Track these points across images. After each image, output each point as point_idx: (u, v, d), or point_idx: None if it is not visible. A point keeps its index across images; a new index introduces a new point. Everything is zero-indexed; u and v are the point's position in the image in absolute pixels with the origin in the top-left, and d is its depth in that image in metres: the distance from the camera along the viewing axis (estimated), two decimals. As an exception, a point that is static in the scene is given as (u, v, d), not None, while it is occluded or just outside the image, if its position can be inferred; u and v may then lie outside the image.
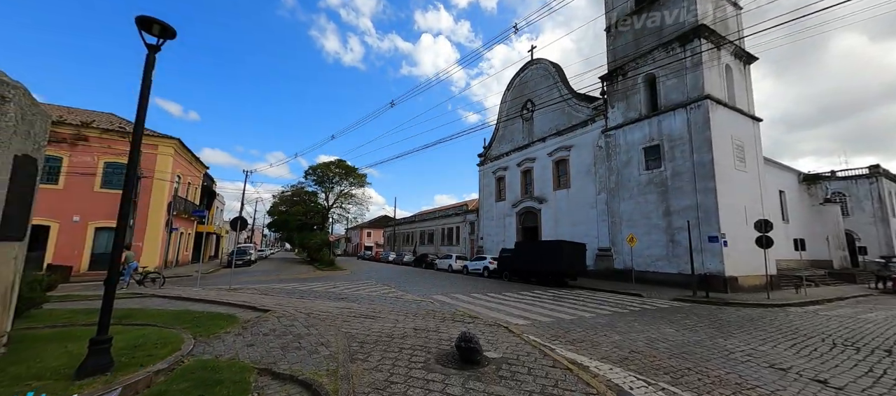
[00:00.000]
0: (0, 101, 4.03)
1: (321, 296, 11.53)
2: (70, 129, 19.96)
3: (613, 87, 21.39)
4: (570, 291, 15.08)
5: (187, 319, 7.21)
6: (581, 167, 23.16)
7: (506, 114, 31.37)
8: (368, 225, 74.49)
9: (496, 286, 16.90)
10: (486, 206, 32.77)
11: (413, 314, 8.25)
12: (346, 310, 8.51)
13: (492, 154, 32.68)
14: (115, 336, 5.75)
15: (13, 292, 4.54)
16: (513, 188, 29.34)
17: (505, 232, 29.40)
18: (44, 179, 19.40)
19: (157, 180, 21.70)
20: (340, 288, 14.15)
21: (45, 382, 3.66)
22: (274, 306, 8.97)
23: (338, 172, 46.34)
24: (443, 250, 39.78)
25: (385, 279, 19.25)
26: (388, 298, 11.45)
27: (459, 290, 14.66)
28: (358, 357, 4.94)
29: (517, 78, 30.15)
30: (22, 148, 4.37)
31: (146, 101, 4.44)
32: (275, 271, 25.00)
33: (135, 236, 20.41)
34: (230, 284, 13.83)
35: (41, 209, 19.16)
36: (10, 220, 4.27)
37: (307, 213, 45.87)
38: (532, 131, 27.88)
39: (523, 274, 19.23)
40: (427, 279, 20.09)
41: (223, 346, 5.42)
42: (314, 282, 16.77)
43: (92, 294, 11.39)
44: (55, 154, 19.57)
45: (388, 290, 13.94)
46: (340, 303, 9.79)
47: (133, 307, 8.84)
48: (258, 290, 12.42)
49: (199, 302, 10.09)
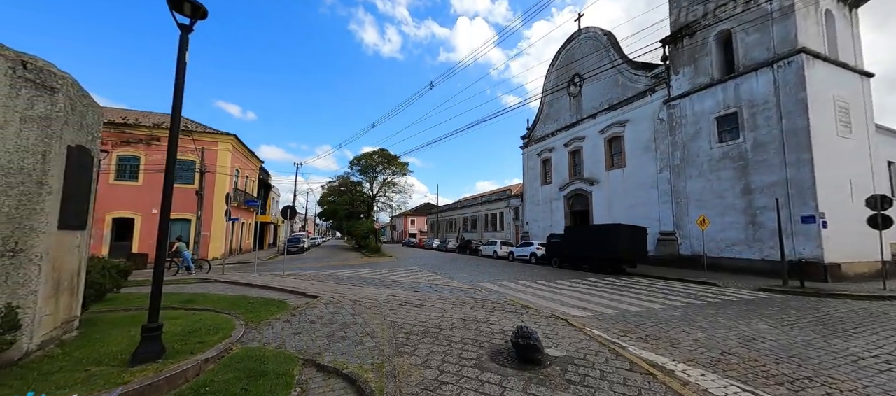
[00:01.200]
0: (50, 92, 4.07)
1: (367, 283, 11.54)
2: (145, 131, 22.08)
3: (677, 51, 18.93)
4: (629, 279, 13.76)
5: (242, 305, 7.40)
6: (638, 143, 21.03)
7: (550, 91, 29.47)
8: (412, 212, 75.80)
9: (545, 273, 15.98)
10: (530, 190, 31.41)
11: (460, 302, 7.79)
12: (391, 298, 8.29)
13: (536, 135, 31.05)
14: (175, 320, 6.00)
15: (79, 278, 4.74)
16: (560, 170, 27.68)
17: (552, 217, 27.98)
18: (127, 177, 21.82)
19: (219, 174, 23.41)
20: (386, 275, 14.18)
21: (102, 367, 3.69)
22: (322, 292, 9.03)
23: (380, 161, 47.29)
24: (487, 236, 39.13)
25: (430, 266, 19.13)
26: (434, 285, 11.15)
27: (506, 277, 14.01)
28: (404, 351, 4.57)
29: (563, 51, 28.05)
30: (75, 139, 4.45)
31: (182, 83, 4.30)
32: (325, 258, 26.11)
33: (203, 226, 22.28)
34: (284, 270, 14.47)
35: (126, 203, 21.57)
36: (70, 211, 4.39)
37: (354, 202, 47.54)
38: (580, 108, 25.89)
39: (574, 261, 18.04)
40: (472, 266, 19.66)
41: (271, 333, 5.35)
42: (361, 269, 17.07)
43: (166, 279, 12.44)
44: (134, 154, 21.82)
45: (434, 277, 13.69)
46: (386, 290, 9.65)
47: (197, 292, 9.38)
48: (309, 277, 12.79)
49: (255, 287, 10.53)
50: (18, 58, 3.94)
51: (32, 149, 3.94)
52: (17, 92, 3.90)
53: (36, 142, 3.96)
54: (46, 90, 4.06)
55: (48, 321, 4.10)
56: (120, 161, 21.66)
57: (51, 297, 4.12)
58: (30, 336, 3.79)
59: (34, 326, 3.83)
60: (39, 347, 3.96)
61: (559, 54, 28.46)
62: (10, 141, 3.84)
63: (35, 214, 3.89)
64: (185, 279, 12.16)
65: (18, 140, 3.88)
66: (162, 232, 4.13)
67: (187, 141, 22.90)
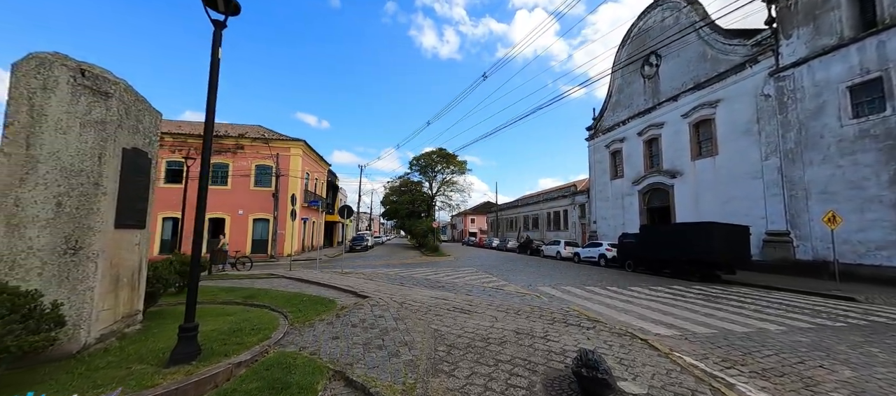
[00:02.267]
0: (103, 97, 4.27)
1: (419, 283, 11.21)
2: (231, 141, 24.88)
3: (788, 10, 15.41)
4: (727, 288, 11.41)
5: (295, 303, 7.49)
6: (735, 126, 17.67)
7: (621, 75, 26.53)
8: (471, 211, 75.45)
9: (617, 277, 14.14)
10: (598, 186, 28.68)
11: (515, 310, 6.94)
12: (440, 301, 7.76)
13: (603, 125, 28.24)
14: (228, 316, 6.17)
15: (140, 275, 5.00)
16: (633, 162, 24.73)
17: (624, 215, 25.15)
18: (218, 182, 24.77)
19: (291, 177, 25.42)
20: (440, 275, 13.77)
21: (143, 366, 3.70)
22: (372, 292, 8.87)
23: (439, 160, 47.63)
24: (549, 235, 36.91)
25: (487, 266, 18.34)
26: (487, 289, 10.37)
27: (570, 281, 12.62)
28: (442, 369, 3.95)
29: (635, 28, 25.01)
30: (130, 141, 4.66)
31: (216, 80, 4.21)
32: (385, 256, 26.83)
33: (278, 225, 24.43)
34: (342, 269, 14.92)
35: (218, 205, 24.43)
36: (127, 210, 4.60)
37: (414, 202, 48.62)
38: (657, 90, 22.77)
39: (652, 264, 15.75)
40: (532, 267, 18.38)
41: (311, 336, 5.15)
42: (417, 268, 16.97)
43: (243, 274, 13.59)
44: (223, 161, 24.70)
45: (489, 279, 12.89)
46: (437, 292, 9.16)
47: (263, 287, 9.91)
48: (364, 275, 12.93)
49: (313, 284, 10.87)
50: (78, 66, 4.18)
51: (90, 152, 4.14)
52: (77, 99, 4.14)
53: (93, 146, 4.17)
54: (101, 95, 4.26)
55: (107, 315, 4.31)
56: (214, 168, 24.70)
57: (109, 293, 4.34)
58: (87, 330, 3.97)
59: (91, 320, 4.02)
60: (99, 340, 4.17)
61: (630, 32, 25.44)
62: (72, 145, 4.08)
63: (92, 214, 4.09)
64: (257, 274, 13.12)
65: (79, 144, 4.10)
66: (197, 234, 4.07)
67: (264, 148, 25.33)
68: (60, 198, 3.98)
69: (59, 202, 3.97)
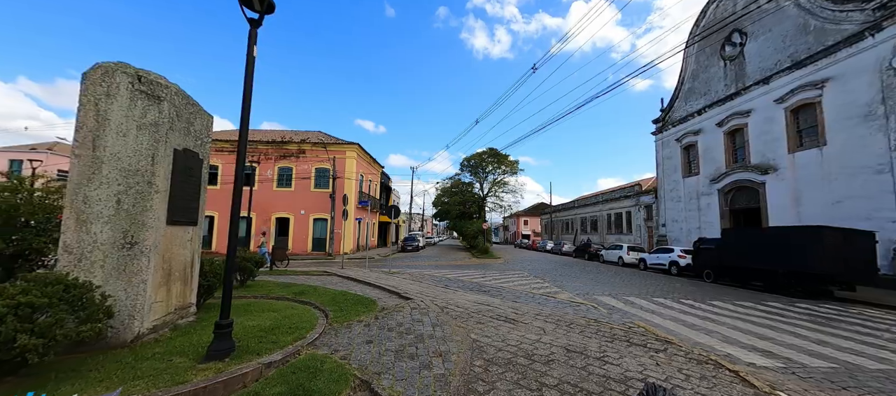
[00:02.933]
0: (155, 101, 4.52)
1: (465, 286, 10.78)
2: (295, 146, 26.84)
3: (930, -42, 12.19)
4: (844, 308, 9.22)
5: (340, 301, 7.53)
6: (849, 109, 14.50)
7: (694, 59, 23.51)
8: (524, 213, 73.16)
9: (692, 289, 12.31)
10: (667, 185, 25.72)
11: (567, 322, 6.18)
12: (484, 307, 7.25)
13: (674, 117, 25.26)
14: (271, 313, 6.31)
15: (193, 269, 5.27)
16: (711, 157, 21.69)
17: (700, 217, 22.17)
18: (284, 184, 26.83)
19: (346, 179, 26.66)
20: (488, 279, 13.20)
21: (181, 359, 3.78)
22: (416, 294, 8.66)
23: (490, 161, 46.81)
24: (610, 239, 34.11)
25: (539, 270, 17.29)
26: (537, 296, 9.58)
27: (634, 291, 11.23)
28: (475, 389, 3.47)
29: (712, 3, 21.97)
30: (182, 142, 4.91)
31: (251, 78, 4.22)
32: (435, 257, 26.85)
33: (335, 224, 25.74)
34: (390, 269, 15.07)
35: (283, 206, 26.45)
36: (178, 207, 4.84)
37: (464, 203, 48.39)
38: (743, 73, 19.68)
39: (738, 275, 13.48)
40: (589, 273, 16.90)
41: (347, 338, 5.00)
42: (465, 270, 16.56)
43: (299, 270, 14.36)
44: (288, 165, 26.71)
45: (540, 285, 12.01)
46: (482, 297, 8.65)
47: (312, 284, 10.25)
48: (411, 276, 12.86)
49: (361, 283, 11.02)
50: (136, 73, 4.48)
51: (144, 153, 4.40)
52: (134, 103, 4.43)
53: (147, 147, 4.42)
54: (154, 99, 4.51)
55: (159, 307, 4.55)
56: (280, 171, 26.87)
57: (162, 286, 4.58)
58: (141, 321, 4.20)
59: (144, 312, 4.25)
60: (152, 330, 4.40)
61: (706, 10, 22.41)
62: (130, 146, 4.36)
63: (146, 211, 4.33)
64: (313, 270, 13.76)
65: (135, 145, 4.38)
66: (232, 235, 4.09)
67: (322, 151, 26.89)
68: (119, 196, 4.27)
69: (119, 200, 4.26)
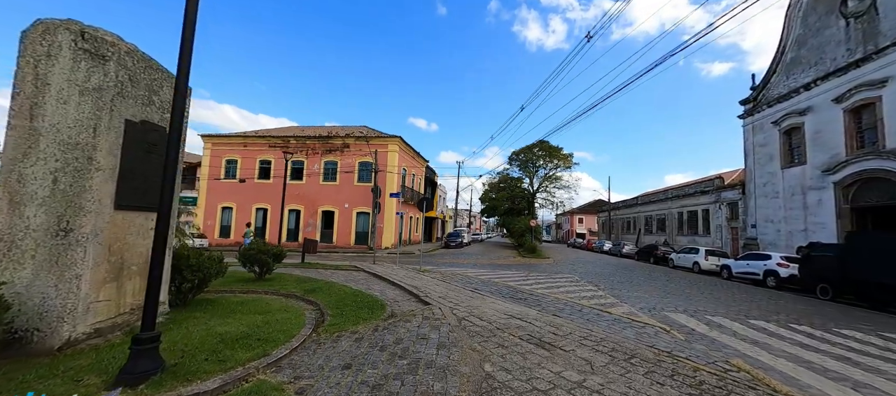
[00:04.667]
0: (100, 61, 3.79)
1: (499, 292, 9.28)
2: (339, 141, 27.16)
3: None
4: None
5: (348, 303, 6.61)
6: None
7: (800, 21, 18.99)
8: (579, 210, 68.37)
9: (805, 309, 9.41)
10: (760, 177, 21.31)
11: (625, 354, 4.47)
12: (514, 322, 5.76)
13: (770, 95, 20.77)
14: (259, 315, 5.40)
15: (160, 263, 4.56)
16: (824, 141, 17.29)
17: (806, 217, 17.88)
18: (329, 178, 27.30)
19: (389, 173, 26.32)
20: (529, 282, 11.52)
21: (92, 379, 2.96)
22: (436, 299, 7.43)
23: (540, 155, 43.92)
24: (681, 241, 29.74)
25: (592, 274, 15.04)
26: (587, 309, 7.74)
27: (720, 309, 8.78)
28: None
29: (829, -51, 17.42)
30: (139, 113, 4.18)
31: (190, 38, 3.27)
32: (477, 255, 25.42)
33: (377, 218, 25.55)
34: (424, 265, 14.02)
35: (328, 200, 26.92)
36: (134, 190, 4.12)
37: (513, 199, 46.07)
38: (874, 31, 15.23)
39: (870, 292, 10.14)
40: (656, 281, 14.25)
41: (323, 357, 3.93)
42: (506, 270, 14.95)
43: (329, 264, 13.93)
44: (333, 159, 27.13)
45: (592, 293, 10.05)
46: (515, 307, 7.12)
47: (334, 281, 9.51)
48: (441, 275, 11.65)
49: (383, 281, 10.10)
50: (80, 29, 3.79)
51: (86, 124, 3.70)
52: (77, 64, 3.73)
53: (89, 116, 3.71)
54: (99, 59, 3.79)
55: (105, 308, 3.85)
56: (325, 166, 27.42)
57: (108, 282, 3.87)
58: (73, 324, 3.49)
59: (78, 313, 3.53)
60: (94, 335, 3.70)
61: (819, -43, 17.86)
62: (71, 115, 3.67)
63: (84, 192, 3.62)
64: (343, 265, 13.23)
65: (77, 114, 3.68)
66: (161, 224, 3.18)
67: (365, 145, 26.84)
68: (56, 175, 3.60)
69: (56, 178, 3.60)
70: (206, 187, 28.31)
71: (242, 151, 28.25)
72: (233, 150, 28.54)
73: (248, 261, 8.76)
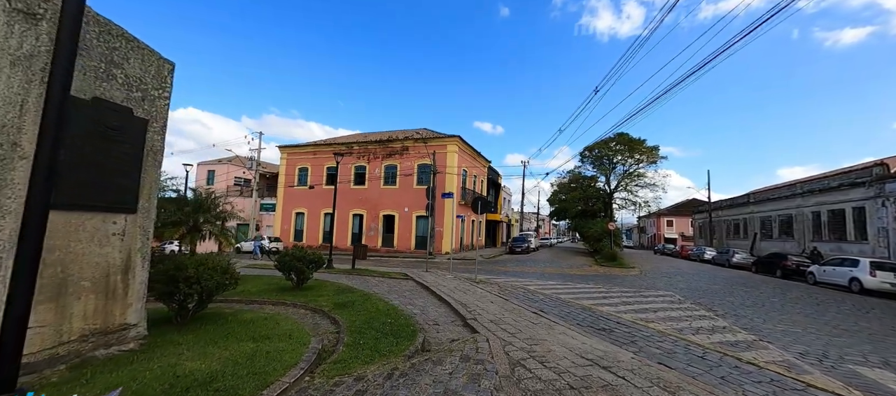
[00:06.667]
0: (32, 21, 3.00)
1: (571, 316, 7.17)
2: (398, 144, 26.92)
3: None
4: None
5: (373, 325, 5.36)
6: None
7: None
8: (668, 212, 59.76)
9: None
10: (958, 160, 15.06)
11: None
12: (596, 377, 3.80)
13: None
14: (254, 342, 4.13)
15: (129, 276, 3.72)
16: None
17: None
18: (389, 182, 27.17)
19: (448, 174, 25.20)
20: (613, 301, 9.07)
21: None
22: (487, 323, 5.75)
23: (618, 150, 38.94)
24: (825, 249, 23.08)
25: (698, 292, 11.70)
26: (710, 352, 5.25)
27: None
28: None
29: None
30: (90, 89, 3.35)
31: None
32: (545, 262, 22.74)
33: (435, 222, 24.56)
34: (480, 274, 12.28)
35: (389, 204, 26.73)
36: (90, 184, 3.30)
37: (586, 199, 41.60)
38: None
39: None
40: (802, 306, 10.40)
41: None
42: (581, 283, 12.46)
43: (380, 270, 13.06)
44: (393, 163, 26.98)
45: (710, 324, 7.28)
46: (597, 345, 5.05)
47: (375, 291, 8.45)
48: (500, 288, 9.84)
49: (429, 293, 8.72)
50: (15, -14, 3.05)
51: (14, 100, 2.92)
52: (11, 29, 2.98)
53: (18, 91, 2.93)
54: (31, 18, 3.00)
55: (38, 336, 3.01)
56: (386, 170, 27.41)
57: (42, 303, 3.04)
58: (-19, 359, 2.67)
59: (-11, 344, 2.71)
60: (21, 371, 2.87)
61: None
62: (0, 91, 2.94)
63: (4, 187, 2.82)
64: (392, 273, 12.23)
65: (6, 89, 2.92)
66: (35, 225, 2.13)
67: (423, 147, 26.15)
68: (-21, 166, 2.86)
69: (-22, 170, 2.85)
70: (282, 195, 30.50)
71: (312, 159, 29.81)
72: (304, 159, 30.31)
73: (286, 269, 8.14)
